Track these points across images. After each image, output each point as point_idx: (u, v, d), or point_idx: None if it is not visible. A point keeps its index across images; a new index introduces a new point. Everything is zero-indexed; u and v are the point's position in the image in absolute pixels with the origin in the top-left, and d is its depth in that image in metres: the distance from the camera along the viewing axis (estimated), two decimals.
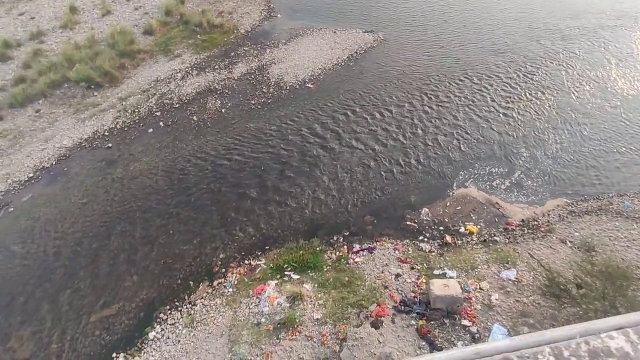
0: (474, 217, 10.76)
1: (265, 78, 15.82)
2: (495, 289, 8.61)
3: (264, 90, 15.26)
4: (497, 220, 10.73)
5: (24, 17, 18.80)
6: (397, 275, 9.06)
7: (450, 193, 11.50)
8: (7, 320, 8.91)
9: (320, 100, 14.70)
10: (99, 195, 11.72)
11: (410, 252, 9.82)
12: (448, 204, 11.14)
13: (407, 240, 10.21)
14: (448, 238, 10.13)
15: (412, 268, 9.28)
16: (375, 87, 15.28)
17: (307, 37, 17.96)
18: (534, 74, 15.59)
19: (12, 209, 11.36)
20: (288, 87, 15.35)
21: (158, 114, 14.41)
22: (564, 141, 12.93)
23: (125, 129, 13.85)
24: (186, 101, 14.89)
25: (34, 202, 11.54)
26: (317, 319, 8.15)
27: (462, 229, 10.41)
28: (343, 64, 16.45)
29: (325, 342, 7.70)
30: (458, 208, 11.01)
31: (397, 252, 9.81)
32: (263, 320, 8.24)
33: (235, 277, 9.50)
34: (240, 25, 18.75)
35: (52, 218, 11.10)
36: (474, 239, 10.14)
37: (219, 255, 10.10)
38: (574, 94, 14.69)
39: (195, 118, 14.22)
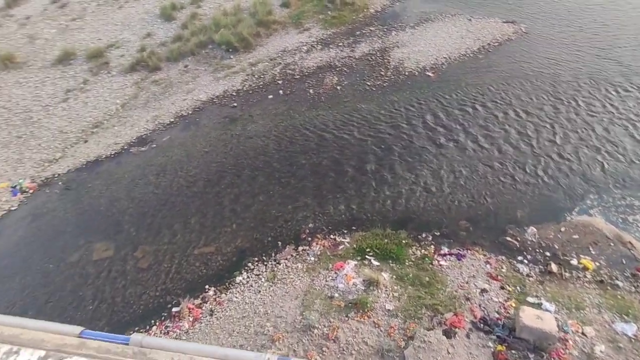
0: (593, 252, 9.24)
1: (385, 61, 15.58)
2: (603, 340, 7.40)
3: (382, 72, 15.08)
4: (624, 262, 9.04)
5: None
6: (483, 291, 8.41)
7: (569, 217, 10.03)
8: (138, 234, 10.94)
9: (439, 90, 13.94)
10: (219, 147, 13.26)
11: (503, 270, 8.98)
12: (563, 229, 9.76)
13: (503, 257, 9.32)
14: (554, 266, 8.94)
15: (502, 288, 8.50)
16: (507, 84, 13.82)
17: (437, 23, 16.99)
18: None
19: (154, 146, 13.63)
20: (407, 73, 14.89)
21: (280, 82, 15.45)
22: None
23: (250, 92, 15.22)
24: (306, 74, 15.61)
25: (170, 143, 13.64)
26: (389, 310, 8.14)
27: (574, 261, 9.06)
28: (472, 55, 15.21)
29: (392, 334, 7.67)
30: (575, 237, 9.57)
31: (488, 266, 9.07)
32: (336, 295, 8.56)
33: (319, 248, 9.96)
34: (371, 4, 18.60)
35: (180, 159, 13.00)
36: (588, 277, 8.74)
37: (309, 224, 10.66)
38: None
39: (311, 91, 14.86)
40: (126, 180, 12.56)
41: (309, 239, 10.28)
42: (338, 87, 14.84)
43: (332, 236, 10.27)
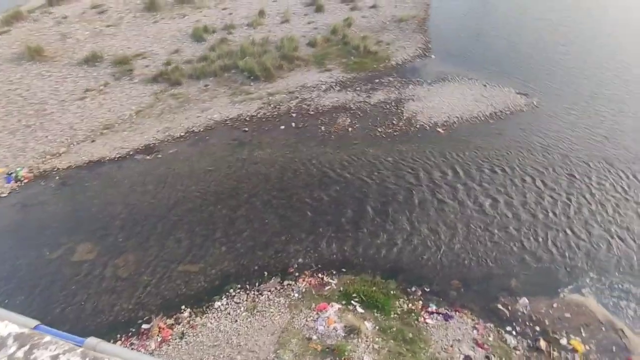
0: (584, 334, 8.92)
1: (399, 111, 15.98)
2: None
3: (394, 122, 15.42)
4: (614, 349, 8.69)
5: (225, 11, 22.84)
6: (467, 358, 8.04)
7: (563, 294, 9.77)
8: (125, 240, 10.73)
9: (447, 148, 14.16)
10: (222, 168, 13.32)
11: (490, 339, 8.63)
12: (555, 305, 9.48)
13: (492, 325, 8.99)
14: (542, 343, 8.60)
15: (487, 357, 8.13)
16: (514, 152, 14.01)
17: (453, 83, 17.60)
18: None
19: (160, 156, 13.71)
20: (418, 126, 15.21)
21: (294, 115, 15.79)
22: None
23: (263, 119, 15.52)
24: (321, 111, 15.98)
25: (175, 156, 13.73)
26: None
27: (564, 341, 8.72)
28: (483, 119, 15.60)
29: None
30: (567, 315, 9.28)
31: (475, 332, 8.73)
32: (315, 337, 8.20)
33: (305, 285, 9.68)
34: (393, 56, 19.39)
35: (183, 174, 13.02)
36: (577, 359, 8.39)
37: (298, 259, 10.44)
38: None
39: (323, 128, 15.14)
40: (124, 186, 12.52)
41: (296, 274, 10.03)
42: (349, 129, 15.12)
43: (320, 275, 10.01)
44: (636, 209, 11.93)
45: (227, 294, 9.47)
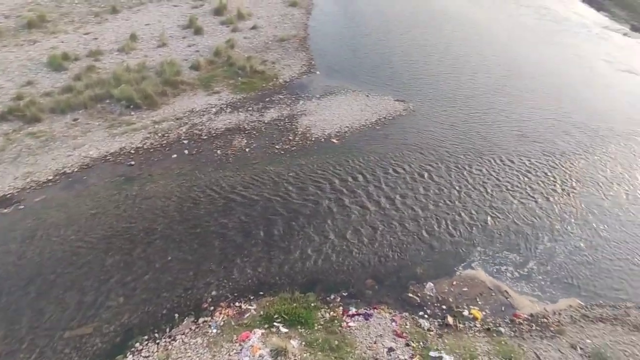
0: (479, 302, 10.19)
1: (293, 127, 16.37)
2: None
3: (290, 137, 15.72)
4: (504, 309, 10.11)
5: (88, 36, 20.58)
6: (390, 350, 8.45)
7: (458, 272, 11.04)
8: None
9: (343, 156, 14.96)
10: (109, 208, 11.82)
11: (407, 327, 9.24)
12: (454, 282, 10.65)
13: (407, 314, 9.66)
14: (450, 319, 9.54)
15: (407, 345, 8.66)
16: (401, 152, 15.47)
17: (340, 96, 18.77)
18: (564, 168, 15.49)
19: (22, 207, 11.53)
20: (313, 139, 15.77)
21: (185, 141, 14.91)
22: (587, 238, 12.46)
23: (151, 150, 14.30)
24: (214, 135, 15.42)
25: (45, 204, 11.71)
26: None
27: (466, 312, 9.83)
28: (370, 126, 16.93)
29: None
30: (464, 289, 10.49)
31: (394, 324, 9.25)
32: None
33: (223, 318, 9.07)
34: (280, 75, 19.87)
35: (58, 223, 11.16)
36: (478, 326, 9.50)
37: (211, 292, 9.77)
38: (603, 192, 14.39)
39: (219, 152, 14.61)
40: None
41: (211, 308, 9.35)
42: (247, 149, 14.89)
43: (237, 303, 9.51)
44: (507, 188, 14.19)
45: (133, 349, 8.32)
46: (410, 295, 10.19)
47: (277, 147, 15.17)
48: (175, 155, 14.23)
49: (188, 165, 13.86)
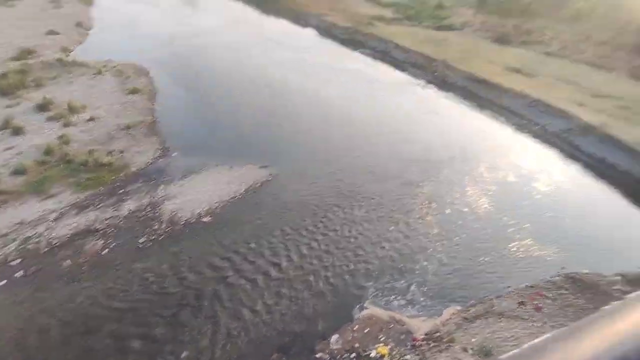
0: (383, 338, 10.61)
1: (157, 214, 15.09)
2: None
3: (155, 227, 14.38)
4: (403, 337, 10.74)
5: None
6: None
7: (356, 315, 11.38)
8: None
9: (218, 233, 14.36)
10: None
11: None
12: (356, 327, 10.90)
13: None
14: None
15: None
16: (273, 218, 15.73)
17: (203, 173, 18.39)
18: (419, 195, 18.09)
19: None
20: (183, 222, 14.78)
21: (16, 262, 12.07)
22: (447, 251, 14.54)
23: None
24: (57, 245, 12.97)
25: None
26: None
27: (373, 353, 10.06)
28: (240, 197, 16.91)
29: None
30: (366, 330, 10.81)
31: None
32: None
33: None
34: (132, 163, 18.44)
35: None
36: None
37: None
38: (451, 208, 17.25)
39: (68, 263, 12.26)
40: None
41: None
42: (103, 252, 12.92)
43: None
44: (384, 225, 15.68)
45: None
46: (319, 355, 9.94)
47: (141, 240, 13.63)
48: (3, 282, 11.31)
49: (25, 290, 11.16)
